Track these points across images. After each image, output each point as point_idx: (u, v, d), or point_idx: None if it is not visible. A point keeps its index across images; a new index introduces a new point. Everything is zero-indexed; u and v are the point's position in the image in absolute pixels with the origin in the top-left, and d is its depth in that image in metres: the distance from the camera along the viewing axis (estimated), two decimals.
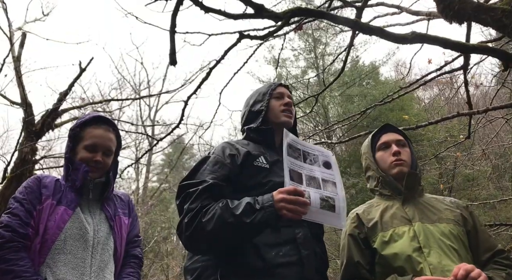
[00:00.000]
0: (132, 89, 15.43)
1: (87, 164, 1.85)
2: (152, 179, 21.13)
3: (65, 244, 1.70)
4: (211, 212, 1.43)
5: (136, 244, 2.07)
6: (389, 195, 1.89)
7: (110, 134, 1.95)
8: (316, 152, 1.66)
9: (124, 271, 1.94)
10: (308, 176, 1.53)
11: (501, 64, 11.59)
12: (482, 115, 4.64)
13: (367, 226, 1.80)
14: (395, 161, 1.88)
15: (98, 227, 1.82)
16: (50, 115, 5.13)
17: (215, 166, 1.60)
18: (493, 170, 11.39)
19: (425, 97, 17.75)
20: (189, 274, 1.59)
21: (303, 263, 1.50)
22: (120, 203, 2.02)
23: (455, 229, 1.74)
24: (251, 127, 1.85)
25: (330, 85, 4.14)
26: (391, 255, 1.67)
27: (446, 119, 3.20)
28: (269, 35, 2.50)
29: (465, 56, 3.37)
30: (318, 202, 1.44)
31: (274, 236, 1.51)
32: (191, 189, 1.54)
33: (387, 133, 2.01)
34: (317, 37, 17.37)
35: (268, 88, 1.93)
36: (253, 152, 1.69)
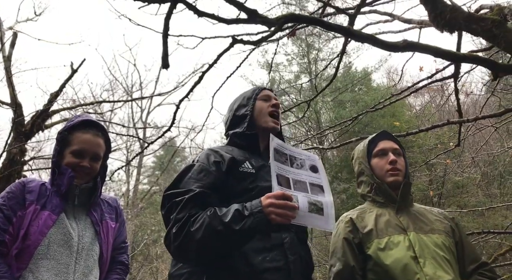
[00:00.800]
0: (124, 90, 15.40)
1: (74, 169, 1.82)
2: (143, 182, 21.03)
3: (49, 249, 1.67)
4: (199, 221, 1.41)
5: (123, 250, 2.05)
6: (382, 202, 1.89)
7: (99, 139, 1.92)
8: (303, 156, 1.66)
9: (110, 277, 1.92)
10: (296, 180, 1.53)
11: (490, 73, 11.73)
12: (472, 123, 4.68)
13: (361, 232, 1.80)
14: (391, 170, 1.88)
15: (83, 232, 1.79)
16: (40, 116, 5.07)
17: (200, 174, 1.58)
18: (482, 177, 11.51)
19: (416, 104, 17.91)
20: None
21: (289, 268, 1.50)
22: (107, 208, 1.99)
23: (446, 241, 1.76)
24: (236, 132, 1.84)
25: (323, 91, 4.15)
26: (387, 263, 1.67)
27: (437, 127, 3.22)
28: (262, 41, 2.51)
29: (456, 65, 3.40)
30: (306, 205, 1.44)
31: (261, 242, 1.50)
32: (177, 198, 1.51)
33: (384, 140, 2.00)
34: (310, 43, 17.47)
35: (253, 92, 1.92)
36: (238, 158, 1.68)
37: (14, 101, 5.02)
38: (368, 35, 2.42)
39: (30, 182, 1.81)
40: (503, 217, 10.98)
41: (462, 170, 8.30)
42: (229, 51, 3.10)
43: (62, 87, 5.40)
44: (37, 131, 5.10)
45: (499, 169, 11.34)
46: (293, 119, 12.12)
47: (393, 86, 7.22)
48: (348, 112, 15.19)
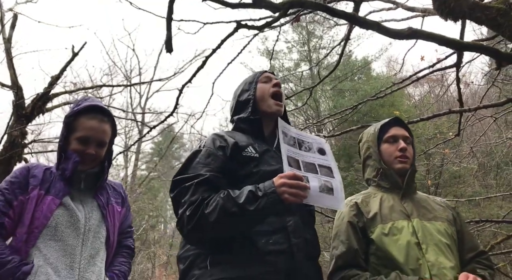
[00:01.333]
0: (123, 76, 15.32)
1: (79, 156, 1.82)
2: (141, 167, 21.07)
3: (56, 231, 1.69)
4: (213, 203, 1.43)
5: (129, 234, 2.07)
6: (387, 188, 1.91)
7: (104, 125, 1.90)
8: (310, 139, 1.69)
9: (116, 260, 1.94)
10: (305, 162, 1.56)
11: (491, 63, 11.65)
12: (472, 113, 4.70)
13: (366, 217, 1.81)
14: (400, 157, 1.89)
15: (89, 214, 1.81)
16: (41, 99, 5.05)
17: (208, 159, 1.60)
18: (479, 168, 11.58)
19: (415, 94, 17.92)
20: (182, 263, 1.59)
21: (292, 251, 1.52)
22: (113, 192, 2.00)
23: (449, 228, 1.78)
24: (240, 117, 1.85)
25: (325, 78, 4.16)
26: (390, 248, 1.69)
27: (438, 116, 3.24)
28: (267, 26, 2.50)
29: (458, 54, 3.40)
30: (317, 186, 1.47)
31: (265, 225, 1.52)
32: (186, 183, 1.53)
33: (396, 126, 2.00)
34: (311, 30, 17.37)
35: (254, 77, 1.93)
36: (241, 143, 1.69)
37: (15, 83, 5.00)
38: (374, 22, 2.42)
39: (35, 168, 1.82)
40: (498, 207, 11.08)
41: (460, 161, 8.35)
42: (231, 37, 3.11)
43: (63, 70, 5.37)
44: (38, 114, 5.08)
45: (496, 159, 11.41)
46: (292, 108, 12.10)
47: (394, 75, 7.21)
48: (347, 101, 15.19)
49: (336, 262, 1.77)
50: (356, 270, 1.71)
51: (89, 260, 1.73)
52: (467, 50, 2.42)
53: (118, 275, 1.88)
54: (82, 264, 1.70)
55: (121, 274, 1.90)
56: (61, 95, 5.60)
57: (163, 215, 18.53)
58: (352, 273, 1.69)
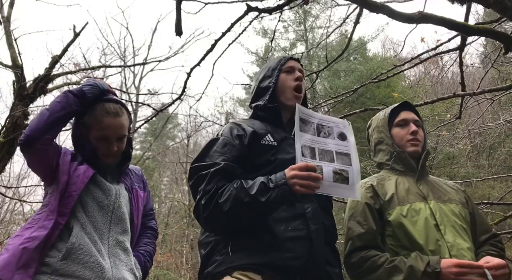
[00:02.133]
0: (118, 55, 15.12)
1: (102, 154, 1.81)
2: (136, 147, 21.01)
3: (88, 205, 1.70)
4: (227, 193, 1.47)
5: (152, 216, 2.11)
6: (402, 171, 1.94)
7: (121, 119, 1.82)
8: (331, 123, 1.65)
9: (142, 241, 1.98)
10: (321, 149, 1.54)
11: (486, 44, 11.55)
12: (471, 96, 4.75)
13: (382, 199, 1.84)
14: (412, 140, 1.92)
15: (119, 192, 1.82)
16: (43, 80, 5.00)
17: (224, 148, 1.62)
18: (472, 149, 11.74)
19: (410, 75, 17.93)
20: (203, 248, 1.63)
21: (311, 237, 1.54)
22: (135, 178, 2.01)
23: (463, 210, 1.83)
24: (258, 105, 1.85)
25: (334, 61, 4.14)
26: (410, 230, 1.72)
27: (442, 99, 3.28)
28: (278, 9, 2.50)
29: (463, 37, 3.42)
30: (331, 175, 1.47)
31: (284, 212, 1.55)
32: (203, 171, 1.56)
33: (405, 110, 2.02)
34: (307, 9, 17.17)
35: (278, 62, 1.90)
36: (259, 131, 1.70)
37: (15, 63, 4.92)
38: (383, 5, 2.42)
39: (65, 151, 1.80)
40: (490, 188, 11.31)
41: (457, 142, 8.45)
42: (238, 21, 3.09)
43: (65, 50, 5.29)
44: (40, 94, 5.03)
45: (489, 141, 11.57)
46: None
47: (394, 56, 7.21)
48: (342, 81, 15.18)
49: (354, 243, 1.79)
50: (375, 250, 1.74)
51: (117, 238, 1.75)
52: (477, 35, 2.44)
53: (144, 255, 1.92)
54: (111, 241, 1.72)
55: (147, 253, 1.94)
56: (62, 76, 5.55)
57: (158, 195, 18.62)
58: (371, 254, 1.72)
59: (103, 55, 10.94)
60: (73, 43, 5.34)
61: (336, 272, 1.62)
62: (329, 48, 12.89)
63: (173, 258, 15.63)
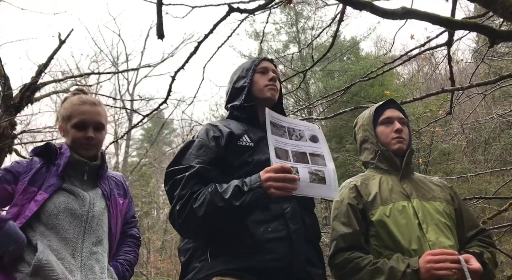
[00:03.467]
0: (110, 62, 15.08)
1: (80, 144, 1.80)
2: (132, 154, 20.97)
3: (57, 219, 1.65)
4: (201, 198, 1.44)
5: (133, 224, 2.06)
6: (386, 169, 1.92)
7: (98, 108, 1.88)
8: (302, 127, 1.64)
9: (121, 250, 1.93)
10: (295, 151, 1.52)
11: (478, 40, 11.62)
12: (462, 91, 4.73)
13: (365, 199, 1.83)
14: (397, 138, 1.90)
15: (94, 201, 1.77)
16: (29, 89, 4.95)
17: (200, 150, 1.59)
18: (467, 144, 11.74)
19: (404, 73, 17.97)
20: (182, 255, 1.60)
21: (291, 238, 1.52)
22: (115, 184, 1.97)
23: (447, 208, 1.81)
24: (234, 105, 1.83)
25: (319, 60, 4.12)
26: (392, 229, 1.70)
27: (431, 95, 3.25)
28: (259, 9, 2.47)
29: (450, 33, 3.40)
30: (307, 176, 1.44)
31: (262, 213, 1.52)
32: (178, 175, 1.53)
33: (390, 108, 2.01)
34: (299, 11, 17.17)
35: (252, 63, 1.89)
36: (236, 132, 1.68)
37: (1, 73, 4.88)
38: (366, 2, 2.39)
39: (31, 163, 1.78)
40: (487, 183, 11.30)
41: (451, 138, 8.44)
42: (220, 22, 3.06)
43: (50, 59, 5.25)
44: (26, 104, 4.98)
45: (484, 136, 11.58)
46: (283, 91, 12.05)
47: (384, 55, 7.20)
48: (336, 81, 15.17)
49: (338, 244, 1.78)
50: (359, 252, 1.72)
51: (91, 249, 1.70)
52: (462, 29, 2.40)
53: (122, 264, 1.86)
54: (85, 253, 1.67)
55: (126, 262, 1.88)
56: (49, 84, 5.50)
57: (156, 201, 18.57)
58: (355, 256, 1.71)
59: (95, 62, 10.88)
60: (58, 51, 5.30)
61: (318, 273, 1.59)
62: (322, 48, 12.88)
63: (173, 264, 15.56)
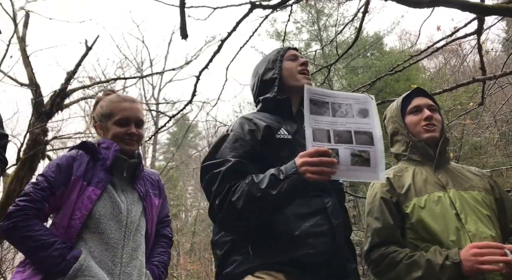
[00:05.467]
0: (135, 68, 15.34)
1: (122, 140, 1.82)
2: (159, 158, 21.27)
3: (99, 222, 1.66)
4: (239, 190, 1.41)
5: (166, 223, 2.05)
6: (419, 160, 1.86)
7: (137, 105, 1.92)
8: (350, 100, 1.48)
9: (155, 251, 1.92)
10: (337, 131, 1.39)
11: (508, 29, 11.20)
12: (494, 81, 4.57)
13: (399, 192, 1.77)
14: (427, 126, 1.83)
15: (131, 206, 1.78)
16: (59, 95, 5.08)
17: (235, 143, 1.55)
18: (500, 137, 11.35)
19: (430, 66, 17.56)
20: (219, 248, 1.56)
21: (334, 233, 1.48)
22: (150, 184, 1.97)
23: (486, 197, 1.73)
24: (267, 98, 1.78)
25: (345, 53, 4.06)
26: (428, 221, 1.65)
27: (462, 85, 3.15)
28: (282, 4, 2.45)
29: (479, 20, 3.28)
30: (349, 158, 1.33)
31: (303, 207, 1.49)
32: (214, 170, 1.50)
33: (418, 97, 1.93)
34: (319, 9, 17.05)
35: (277, 54, 1.83)
36: (273, 125, 1.62)
37: (32, 81, 5.03)
38: None
39: (80, 157, 1.79)
40: None
41: (482, 131, 8.17)
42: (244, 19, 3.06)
43: (78, 65, 5.39)
44: (57, 110, 5.12)
45: None
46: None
47: (410, 48, 7.04)
48: (360, 78, 14.96)
49: (373, 239, 1.73)
50: (395, 246, 1.67)
51: (131, 254, 1.70)
52: (493, 14, 2.32)
53: (158, 266, 1.86)
54: (125, 259, 1.67)
55: (161, 264, 1.88)
56: (78, 90, 5.63)
57: (184, 204, 18.76)
58: (390, 250, 1.66)
59: (120, 68, 11.10)
60: (85, 57, 5.43)
61: (353, 268, 1.56)
62: (344, 45, 12.71)
63: (202, 266, 15.69)
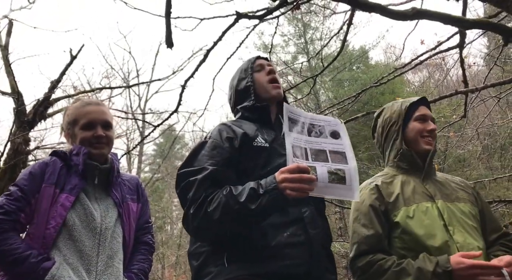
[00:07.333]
0: (121, 79, 15.27)
1: (90, 144, 1.79)
2: (145, 170, 21.06)
3: (73, 230, 1.64)
4: (216, 201, 1.38)
5: (147, 230, 2.01)
6: (406, 169, 1.86)
7: (102, 107, 1.90)
8: (322, 122, 1.54)
9: (135, 258, 1.88)
10: (314, 149, 1.43)
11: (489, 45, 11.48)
12: (476, 94, 4.67)
13: (387, 200, 1.76)
14: (429, 138, 1.85)
15: (105, 213, 1.75)
16: (42, 104, 5.01)
17: (213, 151, 1.53)
18: (482, 150, 11.54)
19: (415, 80, 17.85)
20: (194, 259, 1.53)
21: (311, 243, 1.47)
22: (128, 189, 1.93)
23: (472, 209, 1.75)
24: (245, 106, 1.78)
25: (330, 64, 4.10)
26: (416, 231, 1.64)
27: (445, 97, 3.20)
28: (268, 14, 2.47)
29: (461, 34, 3.36)
30: (326, 176, 1.35)
31: (280, 217, 1.47)
32: (191, 178, 1.47)
33: (425, 106, 1.95)
34: (306, 22, 17.27)
35: (248, 62, 1.85)
36: (250, 133, 1.62)
37: (14, 90, 4.95)
38: (376, 4, 2.37)
39: (51, 163, 1.76)
40: (505, 189, 11.06)
41: (465, 143, 8.30)
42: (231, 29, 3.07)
43: (62, 74, 5.32)
44: (40, 120, 5.04)
45: (500, 141, 11.37)
46: (292, 100, 12.05)
47: (394, 61, 7.17)
48: (347, 91, 15.13)
49: (359, 246, 1.70)
50: (382, 254, 1.65)
51: (106, 262, 1.67)
52: (474, 28, 2.36)
53: (137, 274, 1.82)
54: (100, 267, 1.64)
55: (140, 272, 1.84)
56: (62, 100, 5.56)
57: (170, 216, 18.55)
58: (378, 258, 1.64)
59: (106, 78, 11.03)
60: (70, 66, 5.38)
61: (332, 279, 1.54)
62: (330, 58, 12.86)
63: (187, 279, 15.48)
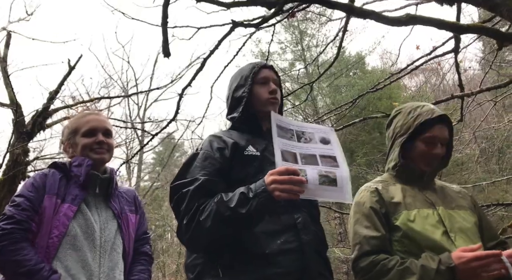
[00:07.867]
0: (120, 88, 15.27)
1: (92, 150, 1.82)
2: (144, 178, 20.99)
3: (75, 240, 1.65)
4: (207, 209, 1.39)
5: (145, 241, 2.03)
6: (405, 179, 1.85)
7: (102, 116, 1.97)
8: (311, 130, 1.55)
9: (135, 269, 1.89)
10: (304, 154, 1.43)
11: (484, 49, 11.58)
12: (472, 98, 4.70)
13: (388, 203, 1.75)
14: (430, 160, 1.82)
15: (105, 225, 1.77)
16: (41, 115, 5.02)
17: (204, 162, 1.54)
18: (480, 154, 11.58)
19: (412, 85, 17.96)
20: (190, 271, 1.54)
21: (304, 250, 1.47)
22: (126, 201, 1.95)
23: (472, 216, 1.76)
24: (234, 117, 1.78)
25: (325, 71, 4.14)
26: (418, 236, 1.64)
27: (441, 102, 3.23)
28: (263, 22, 2.49)
29: (456, 39, 3.39)
30: (317, 178, 1.35)
31: (273, 224, 1.47)
32: (183, 189, 1.48)
33: (440, 125, 1.82)
34: (303, 29, 17.39)
35: (251, 70, 1.79)
36: (241, 142, 1.62)
37: (13, 101, 4.97)
38: (371, 11, 2.40)
39: (51, 174, 1.77)
40: (503, 192, 11.08)
41: (463, 147, 8.33)
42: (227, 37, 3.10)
43: (61, 85, 5.35)
44: (39, 130, 5.05)
45: (497, 144, 11.42)
46: (290, 106, 12.09)
47: (391, 66, 7.22)
48: (344, 97, 15.20)
49: (362, 247, 1.68)
50: (384, 254, 1.65)
51: (108, 274, 1.68)
52: (468, 33, 2.39)
53: None
54: (102, 278, 1.66)
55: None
56: (60, 110, 5.58)
57: (170, 224, 18.47)
58: (381, 257, 1.63)
59: (105, 87, 11.05)
60: (68, 77, 5.40)
61: None
62: (327, 65, 12.95)
63: None
